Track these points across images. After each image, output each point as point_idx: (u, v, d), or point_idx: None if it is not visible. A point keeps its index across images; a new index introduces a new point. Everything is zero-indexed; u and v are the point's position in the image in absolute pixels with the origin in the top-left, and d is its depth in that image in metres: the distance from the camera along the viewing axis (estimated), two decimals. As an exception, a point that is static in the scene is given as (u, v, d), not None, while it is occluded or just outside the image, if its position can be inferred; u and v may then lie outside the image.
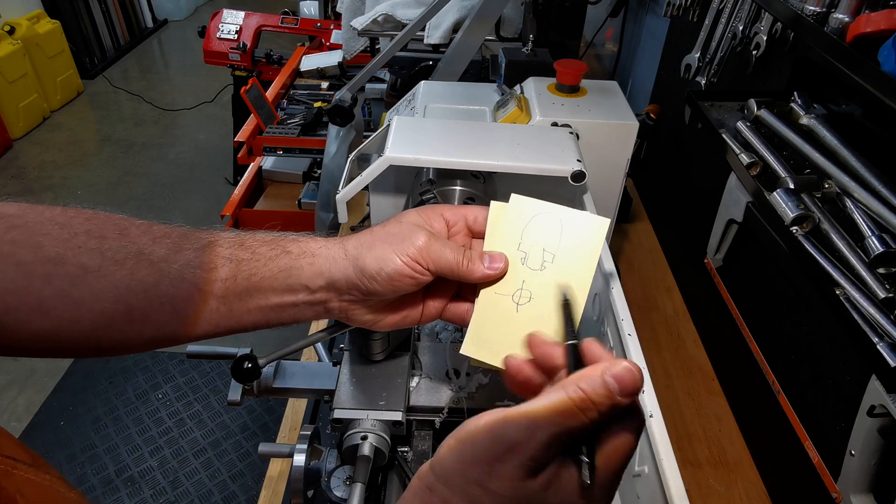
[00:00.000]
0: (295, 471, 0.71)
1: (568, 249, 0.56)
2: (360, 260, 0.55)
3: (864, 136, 0.87)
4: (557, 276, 0.56)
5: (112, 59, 5.16)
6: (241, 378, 0.67)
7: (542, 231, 0.57)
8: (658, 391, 0.59)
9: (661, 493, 0.54)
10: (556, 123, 0.96)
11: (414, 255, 0.54)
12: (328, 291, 0.57)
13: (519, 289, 0.57)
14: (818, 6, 0.76)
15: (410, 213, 0.59)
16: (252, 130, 2.42)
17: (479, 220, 0.60)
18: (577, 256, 0.56)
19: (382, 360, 0.74)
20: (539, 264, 0.57)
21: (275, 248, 0.57)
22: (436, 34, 1.49)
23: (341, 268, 0.56)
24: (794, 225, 0.81)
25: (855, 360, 0.78)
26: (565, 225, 0.57)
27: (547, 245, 0.57)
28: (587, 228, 0.57)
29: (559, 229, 0.57)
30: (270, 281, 0.56)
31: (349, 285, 0.56)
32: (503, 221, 0.59)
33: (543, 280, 0.56)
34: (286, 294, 0.57)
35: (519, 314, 0.56)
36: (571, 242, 0.57)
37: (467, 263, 0.55)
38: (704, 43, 1.21)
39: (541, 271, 0.57)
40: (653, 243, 1.54)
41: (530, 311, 0.56)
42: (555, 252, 0.57)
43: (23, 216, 0.51)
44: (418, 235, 0.55)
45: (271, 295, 0.56)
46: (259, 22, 3.09)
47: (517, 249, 0.58)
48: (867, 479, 0.74)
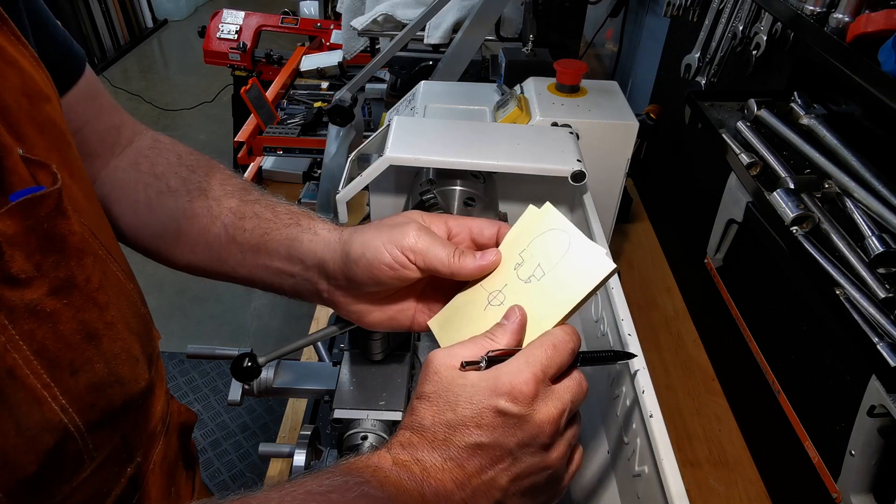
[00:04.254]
0: (295, 471, 0.71)
1: (560, 274, 0.54)
2: (347, 244, 0.58)
3: (864, 136, 0.87)
4: (535, 294, 0.54)
5: (112, 59, 5.16)
6: (241, 376, 0.67)
7: (547, 246, 0.55)
8: (658, 391, 0.59)
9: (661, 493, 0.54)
10: (556, 123, 0.96)
11: (400, 245, 0.55)
12: (318, 272, 0.60)
13: (499, 290, 0.56)
14: (818, 6, 0.76)
15: (414, 213, 0.60)
16: (252, 130, 2.42)
17: (485, 233, 0.59)
18: (564, 285, 0.53)
19: (382, 360, 0.74)
20: (527, 276, 0.55)
21: (292, 218, 0.63)
22: (436, 34, 1.49)
23: (332, 250, 0.59)
24: (794, 225, 0.81)
25: (855, 360, 0.78)
26: (571, 250, 0.54)
27: (543, 261, 0.55)
28: (589, 264, 0.53)
29: (564, 251, 0.54)
30: (276, 245, 0.61)
31: (335, 269, 0.58)
32: (526, 225, 0.57)
33: (522, 292, 0.55)
34: (287, 262, 0.61)
35: (484, 313, 0.56)
36: (567, 269, 0.54)
37: (458, 257, 0.56)
38: (704, 43, 1.21)
39: (525, 283, 0.55)
40: (653, 243, 1.53)
41: (495, 313, 0.55)
42: (546, 271, 0.54)
43: (163, 140, 0.70)
44: (409, 228, 0.56)
45: (275, 258, 0.61)
46: (259, 22, 3.09)
47: (518, 254, 0.56)
48: (867, 479, 0.74)
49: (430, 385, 0.49)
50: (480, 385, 0.47)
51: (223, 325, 2.79)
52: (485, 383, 0.47)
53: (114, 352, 0.50)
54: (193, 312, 2.85)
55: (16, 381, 0.42)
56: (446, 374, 0.48)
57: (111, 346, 0.50)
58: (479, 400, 0.46)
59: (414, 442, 0.47)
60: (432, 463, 0.46)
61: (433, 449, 0.46)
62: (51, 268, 0.43)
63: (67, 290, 0.45)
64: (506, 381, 0.47)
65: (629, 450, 0.65)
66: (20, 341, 0.42)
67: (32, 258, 0.42)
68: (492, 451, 0.46)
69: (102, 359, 0.49)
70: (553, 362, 0.49)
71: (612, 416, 0.71)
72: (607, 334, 0.73)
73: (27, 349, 0.42)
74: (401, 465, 0.46)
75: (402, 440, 0.48)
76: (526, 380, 0.47)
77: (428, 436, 0.47)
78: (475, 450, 0.46)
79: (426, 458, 0.46)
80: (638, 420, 0.61)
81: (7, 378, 0.41)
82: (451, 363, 0.49)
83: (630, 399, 0.64)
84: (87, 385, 0.47)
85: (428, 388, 0.49)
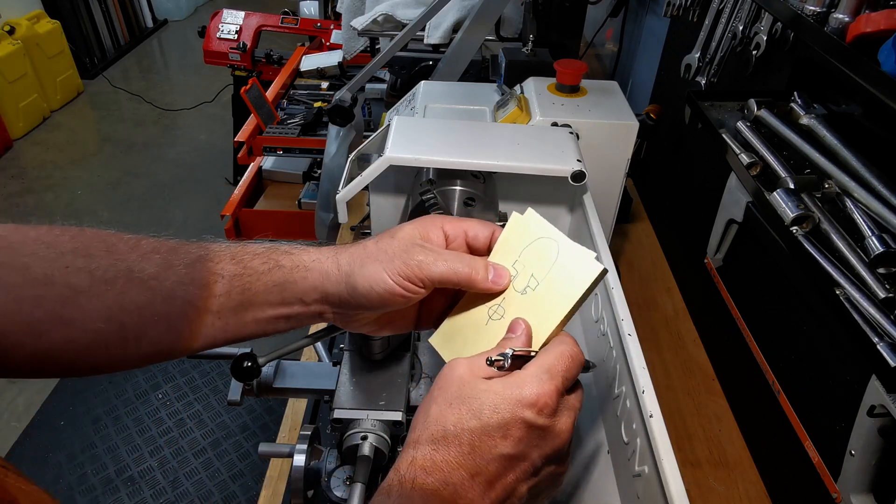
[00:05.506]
0: (295, 471, 0.71)
1: (552, 282, 0.54)
2: (352, 278, 0.55)
3: (864, 136, 0.87)
4: (532, 305, 0.54)
5: (112, 59, 5.16)
6: (241, 377, 0.67)
7: (538, 255, 0.56)
8: (658, 391, 0.59)
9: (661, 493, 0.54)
10: (556, 123, 0.96)
11: (406, 273, 0.53)
12: (322, 304, 0.57)
13: (498, 304, 0.56)
14: (818, 6, 0.76)
15: (406, 228, 0.58)
16: (252, 130, 2.42)
17: (480, 237, 0.58)
18: (557, 292, 0.53)
19: (382, 360, 0.74)
20: (523, 287, 0.56)
21: (267, 262, 0.56)
22: (436, 34, 1.49)
23: (334, 283, 0.56)
24: (794, 225, 0.80)
25: (855, 360, 0.78)
26: (560, 256, 0.55)
27: (536, 271, 0.55)
28: (578, 268, 0.53)
29: (553, 259, 0.55)
30: (265, 295, 0.56)
31: (342, 301, 0.56)
32: (514, 234, 0.57)
33: (520, 304, 0.55)
34: (281, 307, 0.57)
35: (486, 328, 0.56)
36: (559, 276, 0.54)
37: (472, 272, 0.54)
38: (704, 43, 1.21)
39: (522, 294, 0.55)
40: (653, 243, 1.53)
41: (497, 327, 0.55)
42: (540, 280, 0.55)
43: (7, 237, 0.50)
44: (411, 253, 0.54)
45: (267, 308, 0.56)
46: (259, 22, 3.09)
47: (511, 266, 0.57)
48: (867, 479, 0.74)
49: (451, 391, 0.48)
50: (505, 393, 0.47)
51: (223, 325, 2.78)
52: (509, 392, 0.47)
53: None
54: (193, 312, 2.84)
55: None
56: (469, 380, 0.48)
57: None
58: (504, 409, 0.46)
59: (437, 462, 0.45)
60: (461, 481, 0.45)
61: (459, 464, 0.45)
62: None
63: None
64: (531, 391, 0.46)
65: (629, 450, 0.65)
66: None
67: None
68: (517, 462, 0.46)
69: None
70: (570, 374, 0.49)
71: (612, 416, 0.71)
72: (607, 334, 0.73)
73: None
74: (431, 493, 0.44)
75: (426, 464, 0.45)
76: (550, 392, 0.47)
77: (452, 447, 0.46)
78: (501, 460, 0.46)
79: (454, 477, 0.45)
80: (638, 420, 0.61)
81: None
82: (473, 371, 0.49)
83: (630, 399, 0.64)
84: None
85: (449, 393, 0.48)
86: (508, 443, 0.46)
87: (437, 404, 0.48)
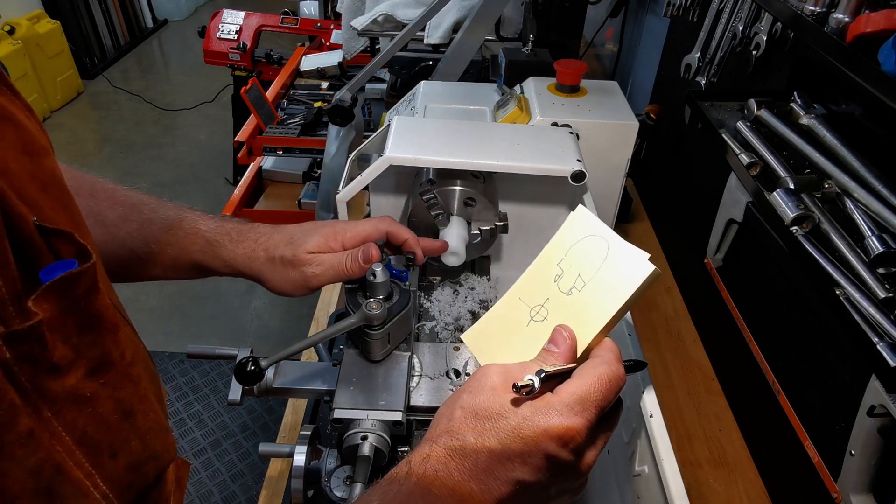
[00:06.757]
0: (295, 471, 0.71)
1: (600, 283, 0.51)
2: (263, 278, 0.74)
3: (864, 136, 0.87)
4: (578, 307, 0.52)
5: (112, 59, 5.16)
6: (245, 380, 0.67)
7: (585, 254, 0.53)
8: (658, 391, 0.59)
9: (661, 493, 0.54)
10: (556, 123, 0.96)
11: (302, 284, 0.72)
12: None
13: (541, 305, 0.54)
14: (818, 6, 0.76)
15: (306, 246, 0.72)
16: (252, 130, 2.42)
17: (360, 236, 0.72)
18: (605, 294, 0.51)
19: (382, 360, 0.74)
20: (568, 288, 0.53)
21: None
22: (436, 34, 1.49)
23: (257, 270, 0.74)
24: (794, 225, 0.80)
25: (855, 360, 0.78)
26: (610, 255, 0.52)
27: (583, 271, 0.53)
28: (628, 269, 0.51)
29: (602, 258, 0.52)
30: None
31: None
32: (566, 232, 0.55)
33: (564, 305, 0.53)
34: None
35: (528, 329, 0.54)
36: (607, 276, 0.51)
37: (349, 264, 0.69)
38: (704, 43, 1.21)
39: (567, 296, 0.53)
40: (653, 243, 1.53)
41: (538, 330, 0.53)
42: (587, 281, 0.52)
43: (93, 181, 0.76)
44: (305, 276, 0.71)
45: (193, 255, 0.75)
46: (259, 22, 3.09)
47: (557, 265, 0.54)
48: (867, 479, 0.74)
49: (479, 400, 0.47)
50: (532, 420, 0.45)
51: (223, 325, 2.79)
52: (536, 419, 0.45)
53: (147, 426, 0.47)
54: (193, 312, 2.85)
55: (63, 477, 0.39)
56: (501, 393, 0.47)
57: (144, 421, 0.47)
58: (528, 436, 0.45)
59: (451, 469, 0.45)
60: (469, 494, 0.45)
61: (471, 477, 0.45)
62: (88, 348, 0.40)
63: (104, 369, 0.42)
64: (559, 423, 0.45)
65: (629, 450, 0.65)
66: (63, 433, 0.39)
67: (70, 341, 0.39)
68: (531, 488, 0.46)
69: (137, 435, 0.46)
70: (608, 401, 0.47)
71: (612, 416, 0.71)
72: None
73: (69, 439, 0.39)
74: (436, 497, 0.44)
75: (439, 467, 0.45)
76: (580, 428, 0.45)
77: (469, 460, 0.45)
78: (514, 484, 0.45)
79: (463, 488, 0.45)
80: (638, 420, 0.61)
81: (56, 475, 0.38)
82: (506, 383, 0.47)
83: (630, 399, 0.64)
84: (126, 466, 0.45)
85: (477, 402, 0.47)
86: (526, 469, 0.45)
87: (462, 410, 0.47)
